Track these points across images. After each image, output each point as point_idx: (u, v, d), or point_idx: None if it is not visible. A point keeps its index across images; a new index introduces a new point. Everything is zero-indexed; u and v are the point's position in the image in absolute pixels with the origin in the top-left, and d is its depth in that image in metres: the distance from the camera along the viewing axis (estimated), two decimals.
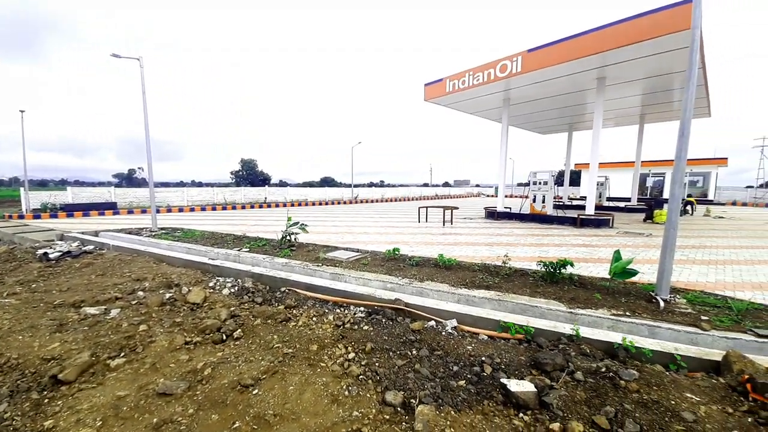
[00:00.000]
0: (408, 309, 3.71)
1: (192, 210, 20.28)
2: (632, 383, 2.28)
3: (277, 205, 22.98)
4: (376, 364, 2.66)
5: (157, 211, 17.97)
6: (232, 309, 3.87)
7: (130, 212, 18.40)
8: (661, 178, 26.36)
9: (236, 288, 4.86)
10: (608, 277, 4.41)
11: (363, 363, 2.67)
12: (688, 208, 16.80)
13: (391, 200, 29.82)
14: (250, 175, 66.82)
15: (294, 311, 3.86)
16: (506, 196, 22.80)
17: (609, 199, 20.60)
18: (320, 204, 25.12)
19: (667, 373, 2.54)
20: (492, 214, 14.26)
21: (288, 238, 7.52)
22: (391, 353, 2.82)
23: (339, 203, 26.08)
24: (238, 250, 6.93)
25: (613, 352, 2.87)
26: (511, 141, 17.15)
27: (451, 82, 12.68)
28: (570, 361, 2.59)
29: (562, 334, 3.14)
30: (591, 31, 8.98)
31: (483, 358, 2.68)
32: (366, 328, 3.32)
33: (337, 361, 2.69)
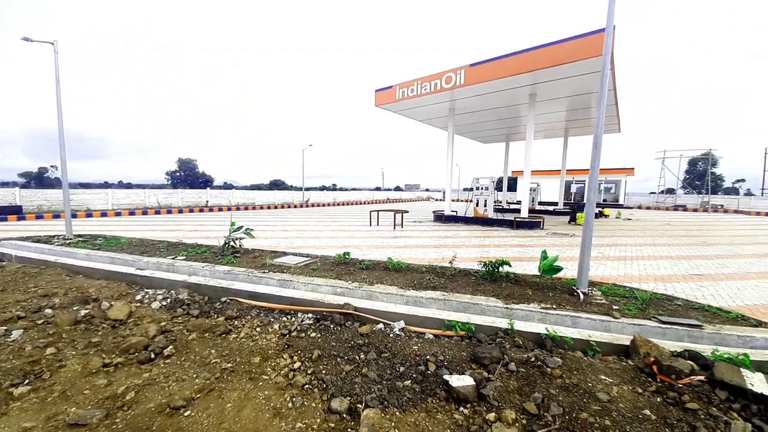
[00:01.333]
0: (357, 313, 3.71)
1: (118, 215, 18.07)
2: (556, 370, 2.53)
3: (220, 209, 21.48)
4: (323, 371, 2.61)
5: (74, 216, 15.71)
6: (162, 324, 3.52)
7: (39, 217, 15.82)
8: (583, 184, 29.82)
9: (169, 300, 4.43)
10: (538, 273, 4.86)
11: (309, 372, 2.60)
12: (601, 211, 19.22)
13: (343, 204, 29.58)
14: (189, 177, 61.68)
15: (236, 322, 3.63)
16: (453, 201, 23.96)
17: (540, 203, 22.77)
18: (269, 208, 24.03)
19: (585, 358, 2.87)
20: (440, 218, 14.88)
21: (231, 244, 7.07)
22: (339, 359, 2.79)
23: (289, 207, 25.21)
24: (173, 259, 6.33)
25: (541, 342, 3.16)
26: (457, 148, 18.11)
27: (401, 90, 13.04)
28: (505, 353, 2.79)
29: (499, 329, 3.37)
30: (523, 51, 9.89)
31: (428, 357, 2.78)
32: (314, 335, 3.25)
33: (282, 372, 2.59)
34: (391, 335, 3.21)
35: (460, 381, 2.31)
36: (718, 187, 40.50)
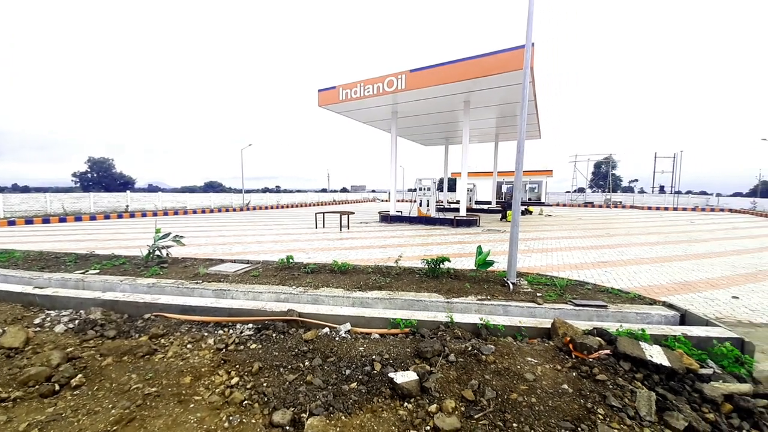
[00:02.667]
0: (302, 319, 3.60)
1: (12, 224, 15.08)
2: (490, 356, 2.75)
3: (144, 215, 19.14)
4: (264, 384, 2.48)
5: None
6: (69, 350, 3.03)
7: None
8: (512, 185, 32.80)
9: (77, 322, 3.82)
10: (475, 268, 5.22)
11: (249, 386, 2.45)
12: (528, 209, 21.36)
13: (287, 206, 28.43)
14: (104, 178, 54.12)
15: (162, 340, 3.27)
16: (398, 201, 24.57)
17: (477, 202, 24.50)
18: (204, 212, 22.08)
19: (515, 342, 3.16)
20: (385, 218, 15.14)
21: (157, 253, 6.36)
22: (282, 369, 2.68)
23: (227, 211, 23.45)
24: (83, 273, 5.49)
25: (478, 331, 3.40)
26: (401, 150, 18.61)
27: (344, 91, 12.99)
28: (446, 345, 2.95)
29: (441, 323, 3.54)
30: (457, 61, 10.56)
31: (374, 357, 2.81)
32: (254, 346, 3.08)
33: (217, 390, 2.40)
34: (337, 339, 3.18)
35: (404, 377, 2.38)
36: (618, 186, 47.68)
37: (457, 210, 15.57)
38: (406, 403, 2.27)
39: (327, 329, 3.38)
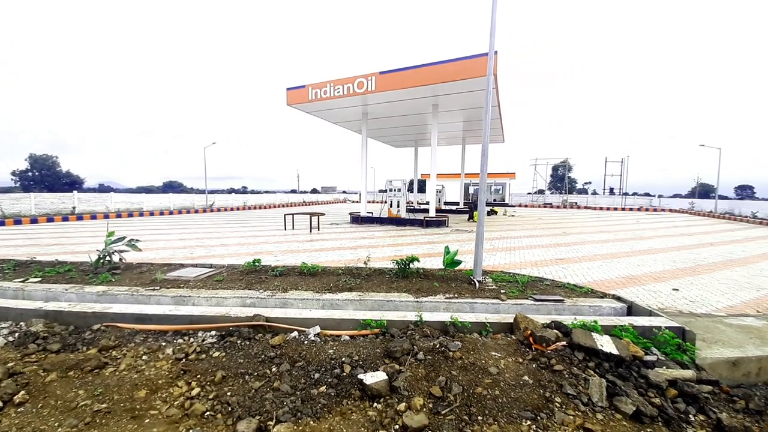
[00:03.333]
0: (269, 324, 3.50)
1: None
2: (457, 352, 2.84)
3: (94, 217, 17.63)
4: (228, 393, 2.39)
5: None
6: (9, 365, 2.74)
7: None
8: (478, 187, 34.03)
9: (17, 335, 3.45)
10: (443, 267, 5.36)
11: (211, 396, 2.35)
12: (493, 209, 22.27)
13: (255, 208, 27.44)
14: (47, 177, 49.36)
15: (113, 353, 3.04)
16: (369, 202, 24.58)
17: (446, 203, 25.13)
18: (162, 214, 20.75)
19: (480, 338, 3.28)
20: (356, 219, 15.09)
21: (108, 258, 5.90)
22: (247, 377, 2.59)
23: (189, 212, 22.22)
24: (22, 282, 4.98)
25: (446, 329, 3.48)
26: (372, 151, 18.65)
27: (314, 90, 12.80)
28: (415, 344, 3.00)
29: (410, 322, 3.59)
30: (425, 65, 10.78)
31: (344, 359, 2.80)
32: (217, 354, 2.95)
33: (176, 403, 2.28)
34: (306, 342, 3.12)
35: (374, 377, 2.40)
36: (573, 188, 51.05)
37: (426, 211, 15.85)
38: (375, 404, 2.29)
39: (296, 333, 3.31)
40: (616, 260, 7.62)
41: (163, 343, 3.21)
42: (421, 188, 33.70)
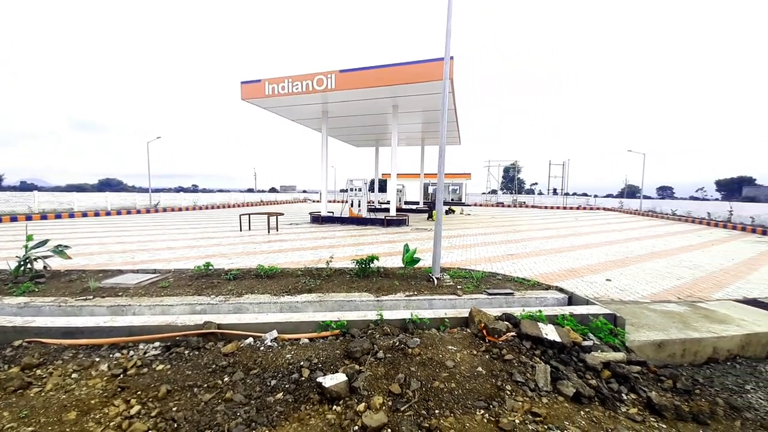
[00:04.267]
0: (221, 331, 3.31)
1: None
2: (416, 349, 2.90)
3: (14, 219, 15.36)
4: (174, 408, 2.22)
5: None
6: None
7: None
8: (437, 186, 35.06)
9: None
10: (403, 265, 5.45)
11: (153, 414, 2.16)
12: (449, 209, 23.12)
13: (207, 208, 25.68)
14: None
15: (38, 371, 2.69)
16: (330, 202, 24.20)
17: (406, 203, 25.60)
18: (98, 215, 18.66)
19: (438, 333, 3.38)
20: (317, 219, 14.81)
21: (29, 266, 5.19)
22: (195, 389, 2.43)
23: (130, 213, 20.22)
24: None
25: (406, 326, 3.55)
26: (333, 150, 18.41)
27: (271, 86, 12.32)
28: (375, 343, 3.02)
29: (371, 321, 3.60)
30: (386, 66, 10.88)
31: (302, 363, 2.73)
32: (161, 367, 2.72)
33: (111, 424, 2.06)
34: (262, 348, 3.00)
35: (333, 380, 2.37)
36: (522, 189, 54.73)
37: (387, 210, 16.00)
38: (334, 406, 2.26)
39: (251, 339, 3.16)
40: (559, 255, 8.29)
41: (97, 359, 2.90)
42: (382, 188, 33.95)
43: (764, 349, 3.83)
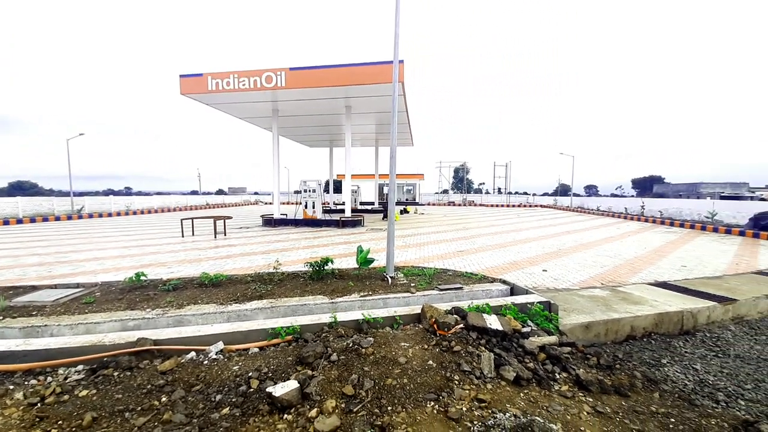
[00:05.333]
0: (157, 347, 3.04)
1: None
2: (369, 348, 2.94)
3: None
4: None
5: None
6: None
7: None
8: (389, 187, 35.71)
9: None
10: (357, 266, 5.47)
11: None
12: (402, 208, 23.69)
13: (143, 212, 23.30)
14: None
15: None
16: (283, 203, 23.36)
17: (361, 203, 25.66)
18: (7, 223, 15.97)
19: (392, 331, 3.45)
20: (269, 222, 14.23)
21: None
22: (127, 414, 2.21)
23: (48, 220, 17.61)
24: None
25: (360, 327, 3.57)
26: (286, 151, 17.79)
27: (214, 81, 11.58)
28: (328, 346, 2.99)
29: (325, 324, 3.56)
30: (338, 66, 10.81)
31: (251, 374, 2.62)
32: (85, 393, 2.43)
33: None
34: (206, 362, 2.82)
35: (284, 388, 2.31)
36: (471, 188, 57.73)
37: (342, 211, 15.88)
38: (285, 415, 2.21)
39: (192, 354, 2.96)
40: (503, 249, 8.91)
41: (11, 386, 2.51)
42: (337, 189, 33.65)
43: (676, 327, 4.45)
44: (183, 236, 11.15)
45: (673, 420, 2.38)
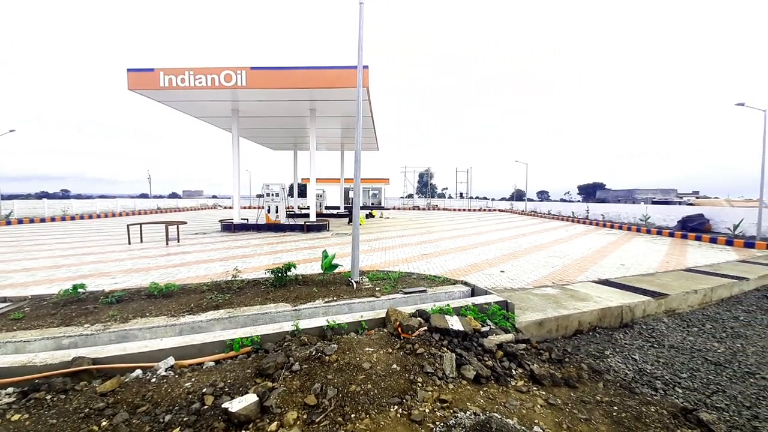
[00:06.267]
0: (97, 367, 2.76)
1: None
2: (333, 355, 2.89)
3: None
4: None
5: None
6: None
7: None
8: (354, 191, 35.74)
9: None
10: (322, 271, 5.38)
11: None
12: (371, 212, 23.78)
13: (83, 217, 21.06)
14: None
15: None
16: (245, 208, 22.35)
17: (327, 207, 25.34)
18: None
19: (356, 336, 3.43)
20: (228, 227, 13.55)
21: None
22: None
23: None
24: None
25: (325, 334, 3.51)
26: (248, 153, 17.11)
27: (167, 77, 10.86)
28: (290, 355, 2.90)
29: (287, 333, 3.45)
30: (302, 68, 10.65)
31: (205, 390, 2.46)
32: (18, 417, 2.15)
33: None
34: (154, 380, 2.61)
35: (241, 403, 2.20)
36: (435, 193, 59.45)
37: (307, 215, 15.56)
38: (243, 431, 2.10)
39: (138, 372, 2.72)
40: (465, 252, 9.24)
41: None
42: (302, 193, 32.95)
43: (617, 320, 4.87)
44: (130, 243, 10.28)
45: (616, 408, 2.59)
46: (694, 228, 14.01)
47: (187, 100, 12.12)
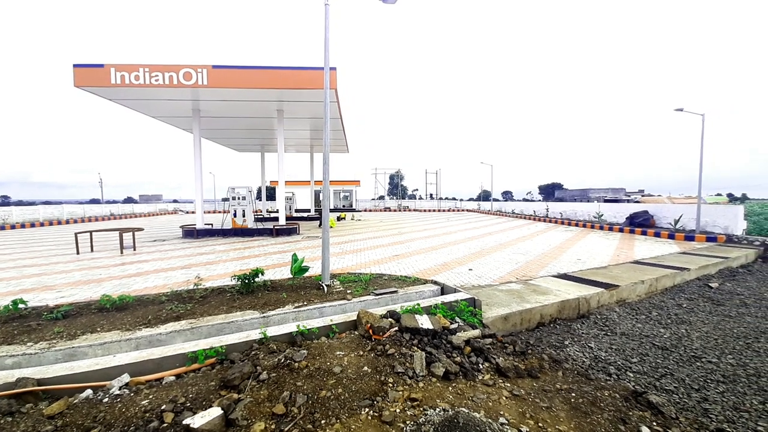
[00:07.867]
0: (42, 388, 2.52)
1: None
2: (302, 362, 2.85)
3: None
4: None
5: None
6: None
7: None
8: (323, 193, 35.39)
9: None
10: (291, 276, 5.27)
11: None
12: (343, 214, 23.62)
13: (24, 226, 19.01)
14: None
15: None
16: (209, 212, 21.32)
17: (297, 210, 24.83)
18: None
19: (327, 341, 3.40)
20: (191, 233, 12.88)
21: None
22: None
23: None
24: None
25: (294, 340, 3.44)
26: (211, 155, 16.32)
27: (120, 73, 10.14)
28: (258, 364, 2.82)
29: (254, 341, 3.35)
30: (268, 67, 10.37)
31: (164, 407, 2.32)
32: None
33: None
34: (106, 400, 2.42)
35: (204, 417, 2.10)
36: (405, 194, 60.28)
37: (276, 219, 15.16)
38: None
39: (89, 392, 2.52)
40: (435, 252, 9.44)
41: None
42: (271, 196, 32.04)
43: (574, 312, 5.19)
44: (78, 253, 9.47)
45: (573, 394, 2.77)
46: (641, 224, 15.27)
47: (142, 98, 11.39)
